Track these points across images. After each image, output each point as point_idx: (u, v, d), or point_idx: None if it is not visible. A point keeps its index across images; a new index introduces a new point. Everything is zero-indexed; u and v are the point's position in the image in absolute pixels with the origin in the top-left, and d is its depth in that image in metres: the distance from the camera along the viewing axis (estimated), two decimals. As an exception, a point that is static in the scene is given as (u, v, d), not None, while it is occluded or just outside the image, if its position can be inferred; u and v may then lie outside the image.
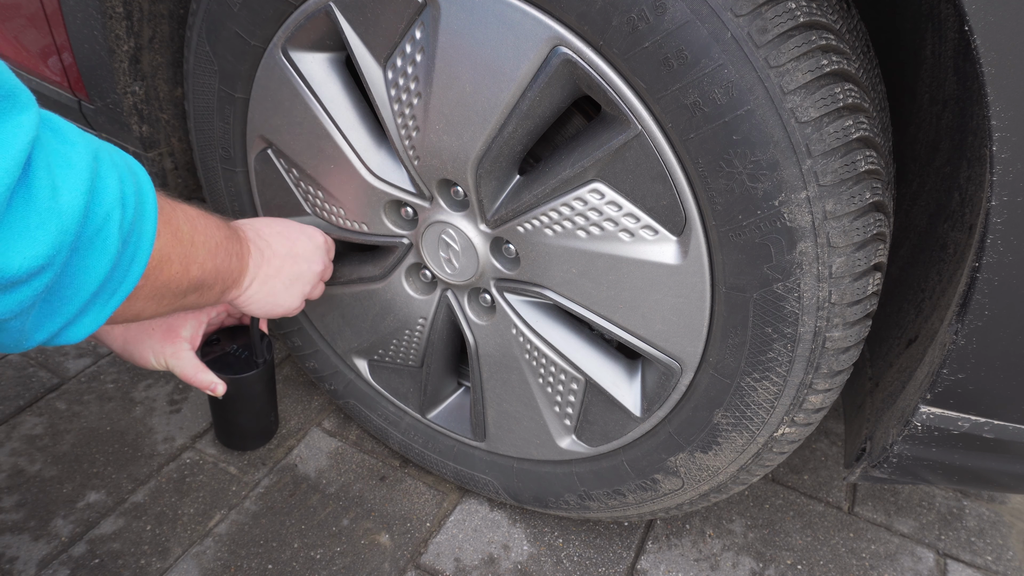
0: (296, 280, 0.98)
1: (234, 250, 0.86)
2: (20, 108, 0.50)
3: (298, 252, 0.98)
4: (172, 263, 0.72)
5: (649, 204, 0.80)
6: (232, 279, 0.87)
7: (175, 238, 0.72)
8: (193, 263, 0.75)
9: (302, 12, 0.90)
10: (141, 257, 0.65)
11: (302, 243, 0.99)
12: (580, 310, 0.94)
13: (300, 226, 1.01)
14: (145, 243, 0.65)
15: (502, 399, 1.11)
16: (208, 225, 0.80)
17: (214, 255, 0.80)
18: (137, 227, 0.63)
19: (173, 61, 1.17)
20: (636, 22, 0.69)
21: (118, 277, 0.63)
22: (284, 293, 0.96)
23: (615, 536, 1.27)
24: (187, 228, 0.75)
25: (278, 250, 0.95)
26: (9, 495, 1.23)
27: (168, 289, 0.73)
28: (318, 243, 1.02)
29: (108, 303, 0.63)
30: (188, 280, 0.75)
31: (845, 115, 0.69)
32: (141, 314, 0.73)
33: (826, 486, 1.39)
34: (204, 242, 0.78)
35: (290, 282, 0.97)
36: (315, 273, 1.00)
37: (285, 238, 0.97)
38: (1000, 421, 0.76)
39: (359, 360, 1.27)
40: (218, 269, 0.81)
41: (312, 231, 1.03)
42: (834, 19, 0.70)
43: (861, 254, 0.75)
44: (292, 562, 1.18)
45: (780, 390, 0.86)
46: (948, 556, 1.29)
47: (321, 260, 1.02)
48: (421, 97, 0.86)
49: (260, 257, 0.92)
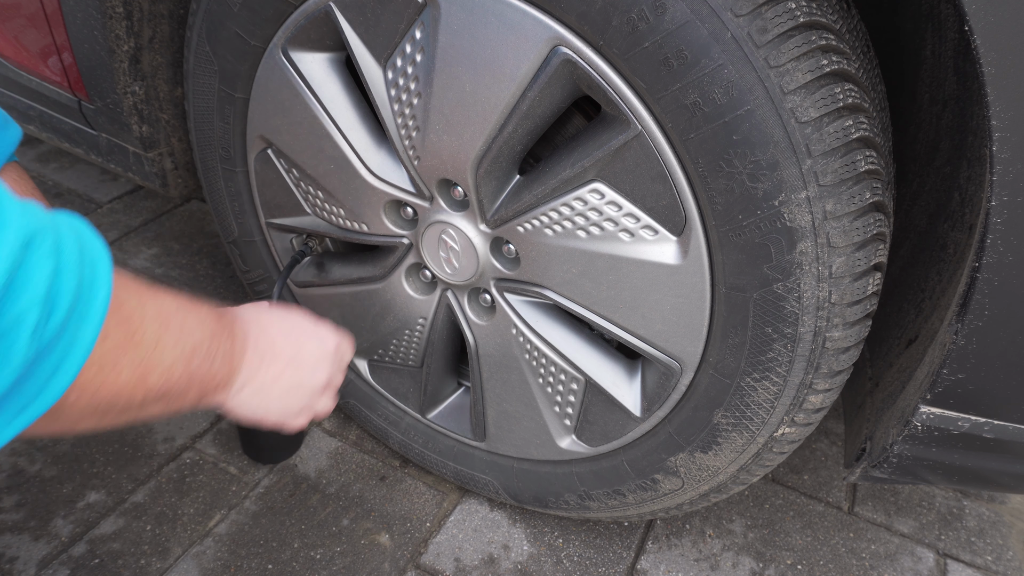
0: (294, 389, 0.84)
1: (221, 351, 0.72)
2: None
3: (303, 358, 0.84)
4: (120, 372, 0.59)
5: (649, 204, 0.80)
6: (214, 384, 0.73)
7: (130, 341, 0.60)
8: (154, 370, 0.62)
9: (302, 12, 0.90)
10: (69, 367, 0.53)
11: (310, 347, 0.86)
12: (580, 310, 0.94)
13: (313, 326, 0.88)
14: (77, 351, 0.53)
15: (502, 399, 1.11)
16: (188, 321, 0.68)
17: (188, 359, 0.67)
18: (68, 332, 0.52)
19: (173, 61, 1.17)
20: (636, 22, 0.69)
21: (29, 391, 0.51)
22: (278, 403, 0.83)
23: (615, 536, 1.27)
24: (153, 328, 0.62)
25: (281, 353, 0.82)
26: (9, 495, 1.23)
27: (115, 403, 0.60)
28: (328, 348, 0.88)
29: (11, 422, 0.52)
30: (145, 391, 0.62)
31: (845, 115, 0.69)
32: (76, 427, 0.60)
33: (826, 486, 1.39)
34: (176, 344, 0.65)
35: (286, 391, 0.83)
36: (318, 383, 0.87)
37: (293, 340, 0.84)
38: (1000, 421, 0.76)
39: (359, 360, 1.27)
40: (192, 375, 0.68)
41: (325, 333, 0.89)
42: (834, 19, 0.70)
43: (861, 254, 0.75)
44: (292, 562, 1.18)
45: (780, 390, 0.86)
46: (948, 556, 1.29)
47: (328, 369, 0.88)
48: (421, 97, 0.86)
49: (259, 360, 0.79)
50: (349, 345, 0.95)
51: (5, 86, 1.37)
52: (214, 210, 1.23)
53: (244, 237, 1.22)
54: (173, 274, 1.76)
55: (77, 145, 1.36)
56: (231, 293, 1.72)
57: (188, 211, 2.00)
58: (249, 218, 1.19)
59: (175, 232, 1.91)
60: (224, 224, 1.23)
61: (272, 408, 0.83)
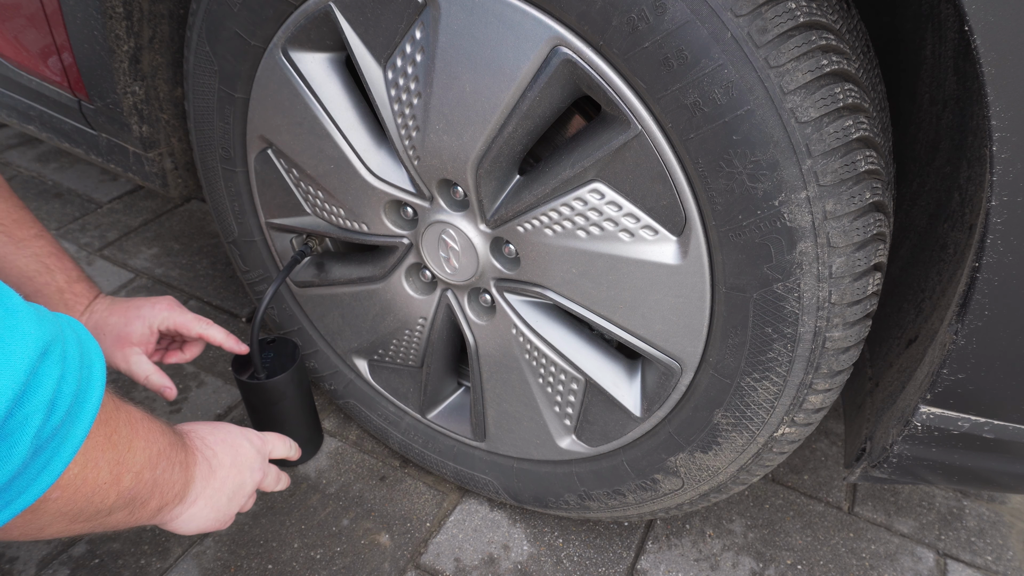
0: (237, 491, 0.90)
1: (178, 459, 0.78)
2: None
3: (241, 461, 0.91)
4: (100, 470, 0.63)
5: (649, 204, 0.80)
6: (173, 493, 0.78)
7: (108, 441, 0.64)
8: (127, 472, 0.67)
9: (302, 12, 0.90)
10: (57, 464, 0.56)
11: (244, 450, 0.92)
12: (580, 310, 0.94)
13: (241, 430, 0.95)
14: (67, 448, 0.57)
15: (502, 399, 1.11)
16: (152, 430, 0.72)
17: (154, 465, 0.71)
18: (61, 433, 0.56)
19: (173, 61, 1.18)
20: (636, 22, 0.69)
21: (17, 487, 0.54)
22: (225, 508, 0.88)
23: (615, 536, 1.27)
24: (126, 431, 0.67)
25: (223, 460, 0.88)
26: (9, 495, 1.23)
27: (90, 503, 0.63)
28: (258, 447, 0.96)
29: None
30: (117, 493, 0.66)
31: (845, 115, 0.69)
32: (44, 530, 0.62)
33: (826, 486, 1.39)
34: (144, 448, 0.69)
35: (232, 495, 0.89)
36: (255, 482, 0.94)
37: (229, 446, 0.90)
38: (1000, 421, 0.76)
39: (359, 360, 1.27)
40: (156, 481, 0.73)
41: (252, 435, 0.96)
42: (834, 19, 0.70)
43: (861, 254, 0.75)
44: (292, 562, 1.18)
45: (780, 390, 0.86)
46: (948, 556, 1.29)
47: (261, 468, 0.96)
48: (421, 97, 0.86)
49: (208, 469, 0.85)
50: (280, 443, 1.02)
51: (5, 86, 1.37)
52: (214, 210, 1.23)
53: (244, 237, 1.22)
54: (173, 274, 1.76)
55: (77, 145, 1.36)
56: (231, 293, 1.72)
57: (188, 211, 2.00)
58: (249, 218, 1.19)
59: (175, 232, 1.91)
60: (224, 224, 1.23)
61: (220, 515, 0.88)
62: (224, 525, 0.91)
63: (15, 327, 0.50)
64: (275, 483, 1.01)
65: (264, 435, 0.99)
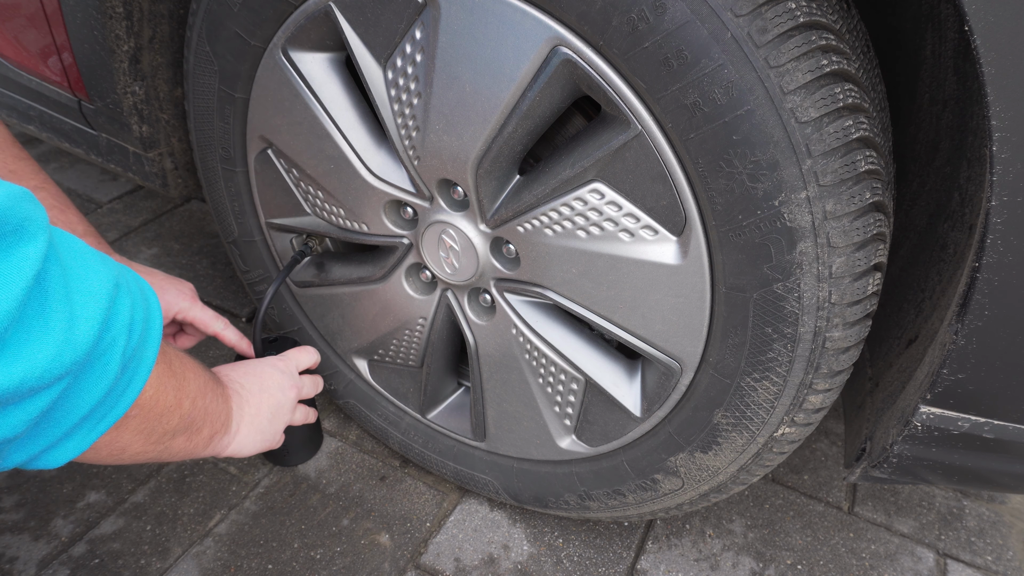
0: (277, 412, 0.99)
1: (219, 391, 0.86)
2: (28, 239, 0.49)
3: (270, 384, 0.99)
4: (167, 392, 0.71)
5: (649, 204, 0.80)
6: (220, 423, 0.87)
7: (169, 369, 0.72)
8: (186, 397, 0.75)
9: (302, 12, 0.90)
10: (138, 382, 0.64)
11: (268, 375, 1.00)
12: (580, 310, 0.94)
13: (261, 361, 1.03)
14: (143, 369, 0.65)
15: (502, 399, 1.11)
16: (196, 365, 0.81)
17: (204, 393, 0.81)
18: (139, 353, 0.64)
19: (173, 61, 1.17)
20: (636, 22, 0.69)
21: (111, 401, 0.62)
22: (269, 429, 0.98)
23: (615, 536, 1.27)
24: (178, 364, 0.75)
25: (252, 388, 0.96)
26: (9, 495, 1.23)
27: (160, 423, 0.72)
28: (281, 369, 1.02)
29: (96, 427, 0.62)
30: (180, 415, 0.75)
31: (845, 115, 0.69)
32: (125, 450, 0.71)
33: (826, 486, 1.39)
34: (194, 378, 0.78)
35: (272, 416, 0.98)
36: (291, 400, 1.02)
37: (254, 375, 0.98)
38: (1000, 421, 0.76)
39: (359, 360, 1.27)
40: (207, 409, 0.82)
41: (274, 360, 1.04)
42: (834, 19, 0.70)
43: (861, 254, 0.75)
44: (292, 562, 1.18)
45: (780, 390, 0.86)
46: (948, 556, 1.29)
47: (293, 385, 1.03)
48: (421, 97, 0.86)
49: (240, 399, 0.93)
50: (302, 355, 1.09)
51: (5, 86, 1.37)
52: (214, 210, 1.23)
53: (244, 237, 1.22)
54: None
55: (77, 145, 1.36)
56: (231, 293, 1.72)
57: (188, 211, 2.00)
58: (249, 218, 1.19)
59: (175, 232, 1.91)
60: (224, 224, 1.23)
61: (267, 436, 0.97)
62: (275, 443, 1.01)
63: (91, 266, 0.58)
64: (313, 389, 1.10)
65: (284, 354, 1.07)
